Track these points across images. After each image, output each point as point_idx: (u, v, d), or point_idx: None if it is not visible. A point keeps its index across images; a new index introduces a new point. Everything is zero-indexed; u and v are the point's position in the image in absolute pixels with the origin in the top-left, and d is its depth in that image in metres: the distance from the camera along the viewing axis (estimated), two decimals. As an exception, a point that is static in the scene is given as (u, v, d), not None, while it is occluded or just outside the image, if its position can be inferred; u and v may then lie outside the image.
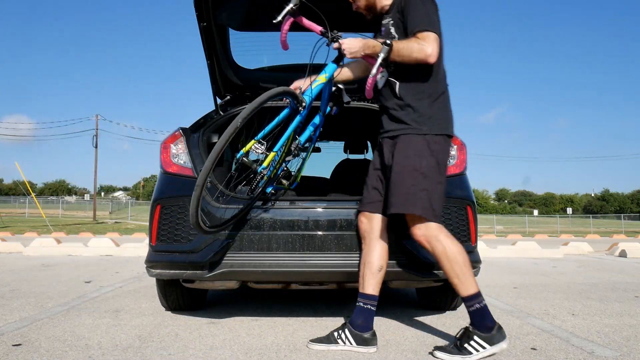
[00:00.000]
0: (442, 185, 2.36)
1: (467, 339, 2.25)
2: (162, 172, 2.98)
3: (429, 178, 2.30)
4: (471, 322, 2.29)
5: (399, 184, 2.31)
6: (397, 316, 3.22)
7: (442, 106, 2.39)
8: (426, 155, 2.31)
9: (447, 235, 2.33)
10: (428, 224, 2.31)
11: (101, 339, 2.60)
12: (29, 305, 3.54)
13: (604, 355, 2.35)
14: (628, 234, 24.56)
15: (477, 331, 2.25)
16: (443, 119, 2.38)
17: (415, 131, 2.33)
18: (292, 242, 2.70)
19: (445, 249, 2.28)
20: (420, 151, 2.31)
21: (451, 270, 2.28)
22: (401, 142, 2.35)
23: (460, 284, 2.28)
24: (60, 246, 8.34)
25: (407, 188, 2.29)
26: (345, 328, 2.43)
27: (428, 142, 2.32)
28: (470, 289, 2.28)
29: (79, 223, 29.59)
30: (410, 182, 2.29)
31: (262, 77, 3.71)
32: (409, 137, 2.33)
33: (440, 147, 2.35)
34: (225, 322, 3.03)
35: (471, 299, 2.27)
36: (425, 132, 2.32)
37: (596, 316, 3.32)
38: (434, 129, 2.33)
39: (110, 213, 48.90)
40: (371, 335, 2.41)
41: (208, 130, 3.21)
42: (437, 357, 2.25)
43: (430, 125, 2.33)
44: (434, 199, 2.31)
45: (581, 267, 6.71)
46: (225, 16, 3.31)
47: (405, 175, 2.30)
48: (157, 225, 2.82)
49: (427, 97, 2.35)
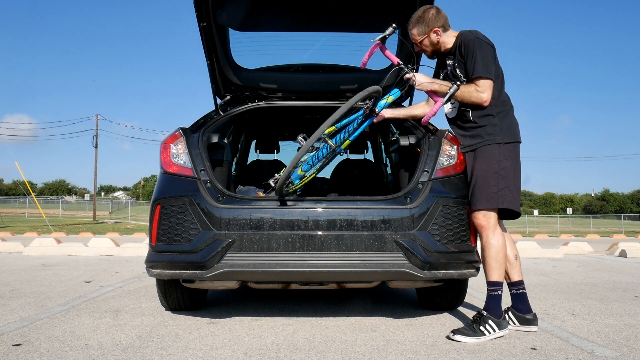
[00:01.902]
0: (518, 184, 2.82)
1: (483, 322, 2.66)
2: (162, 172, 2.97)
3: (507, 178, 2.75)
4: (486, 308, 2.70)
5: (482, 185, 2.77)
6: (397, 316, 3.22)
7: (510, 120, 2.84)
8: (502, 159, 2.76)
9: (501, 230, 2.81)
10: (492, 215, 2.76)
11: (101, 339, 2.60)
12: (29, 305, 3.54)
13: (604, 355, 2.35)
14: (628, 234, 24.55)
15: (491, 316, 2.67)
16: (511, 130, 2.82)
17: (490, 142, 2.79)
18: (292, 242, 2.69)
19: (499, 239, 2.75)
20: (496, 157, 2.77)
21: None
22: (480, 152, 2.81)
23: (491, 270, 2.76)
24: (60, 246, 8.33)
25: (490, 188, 2.74)
26: (508, 311, 2.88)
27: (501, 149, 2.77)
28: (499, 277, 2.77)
29: (79, 223, 29.60)
30: (492, 182, 2.74)
31: (262, 77, 3.71)
32: (487, 147, 2.79)
33: (512, 153, 2.79)
34: (225, 322, 3.03)
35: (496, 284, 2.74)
36: (498, 141, 2.78)
37: (596, 316, 3.32)
38: (505, 139, 2.79)
39: (110, 213, 48.91)
40: (533, 316, 2.86)
41: (208, 130, 3.21)
42: (455, 339, 2.60)
43: (502, 136, 2.78)
44: (515, 193, 2.77)
45: (581, 267, 6.71)
46: (225, 16, 3.31)
47: (488, 177, 2.75)
48: (157, 225, 2.82)
49: (496, 116, 2.81)
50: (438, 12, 2.92)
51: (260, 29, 3.78)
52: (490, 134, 2.79)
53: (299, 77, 3.80)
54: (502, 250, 2.75)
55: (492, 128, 2.79)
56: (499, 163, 2.76)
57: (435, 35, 2.91)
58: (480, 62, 2.75)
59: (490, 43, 2.83)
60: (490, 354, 2.38)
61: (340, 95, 3.70)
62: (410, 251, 2.68)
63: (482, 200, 2.76)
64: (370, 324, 3.00)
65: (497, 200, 2.74)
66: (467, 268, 2.82)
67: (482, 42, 2.79)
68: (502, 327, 2.68)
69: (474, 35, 2.82)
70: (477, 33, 2.85)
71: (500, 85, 2.84)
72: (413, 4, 3.11)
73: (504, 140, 2.78)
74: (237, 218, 2.71)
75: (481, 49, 2.77)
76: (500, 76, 2.85)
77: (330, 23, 3.70)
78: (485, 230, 2.77)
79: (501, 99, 2.84)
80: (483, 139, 2.80)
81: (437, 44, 2.94)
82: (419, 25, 2.92)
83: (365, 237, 2.69)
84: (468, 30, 2.90)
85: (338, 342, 2.58)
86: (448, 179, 2.90)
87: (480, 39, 2.80)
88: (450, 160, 2.94)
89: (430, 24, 2.90)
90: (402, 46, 3.49)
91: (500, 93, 2.85)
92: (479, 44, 2.78)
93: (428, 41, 2.94)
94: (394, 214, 2.74)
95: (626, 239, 17.75)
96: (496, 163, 2.76)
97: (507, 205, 2.75)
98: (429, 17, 2.90)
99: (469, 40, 2.80)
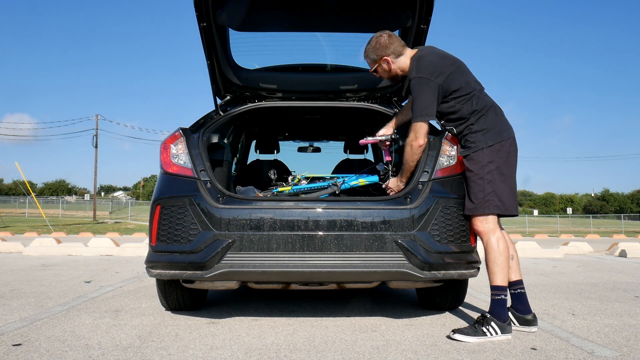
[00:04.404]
0: (508, 183, 2.80)
1: (486, 323, 2.65)
2: (162, 172, 2.97)
3: (492, 182, 2.75)
4: (491, 312, 2.69)
5: (471, 192, 2.80)
6: (397, 316, 3.22)
7: (490, 121, 2.83)
8: (486, 164, 2.77)
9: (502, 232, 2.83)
10: (489, 219, 2.78)
11: (101, 339, 2.60)
12: (29, 305, 3.54)
13: (604, 355, 2.35)
14: (628, 234, 24.54)
15: (495, 319, 2.66)
16: (494, 129, 2.82)
17: (475, 149, 2.81)
18: (292, 242, 2.69)
19: (499, 243, 2.75)
20: (481, 162, 2.78)
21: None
22: (468, 159, 2.84)
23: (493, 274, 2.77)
24: (60, 246, 8.32)
25: (477, 194, 2.76)
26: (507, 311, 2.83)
27: (485, 153, 2.78)
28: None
29: (79, 223, 29.60)
30: (478, 188, 2.76)
31: (262, 77, 3.71)
32: (473, 154, 2.82)
33: (497, 153, 2.78)
34: (225, 322, 3.04)
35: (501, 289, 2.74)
36: (481, 147, 2.79)
37: (596, 316, 3.32)
38: (488, 142, 2.79)
39: (110, 213, 48.91)
40: (532, 317, 2.86)
41: (208, 130, 3.21)
42: (455, 338, 2.60)
43: (484, 140, 2.79)
44: (502, 196, 2.76)
45: (581, 267, 6.71)
46: (225, 16, 3.31)
47: (474, 184, 2.78)
48: (157, 225, 2.82)
49: (475, 124, 2.82)
50: (389, 37, 2.92)
51: (260, 29, 3.78)
52: (473, 142, 2.81)
53: (299, 77, 3.80)
54: (502, 254, 2.74)
55: (474, 136, 2.81)
56: (483, 168, 2.77)
57: (386, 64, 2.94)
58: (417, 106, 2.78)
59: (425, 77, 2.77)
60: (490, 354, 2.38)
61: (340, 95, 3.70)
62: (410, 251, 2.67)
63: (472, 207, 2.79)
64: (370, 324, 3.00)
65: (484, 206, 2.75)
66: (467, 268, 2.82)
67: (421, 80, 2.77)
68: (506, 332, 2.65)
69: (416, 74, 2.79)
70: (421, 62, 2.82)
71: (468, 98, 2.83)
72: (413, 4, 3.11)
73: (487, 144, 2.79)
74: (237, 218, 2.71)
75: (420, 88, 2.77)
76: (463, 87, 2.82)
77: (331, 23, 3.70)
78: (485, 235, 2.78)
79: (473, 108, 2.83)
80: (470, 148, 2.83)
81: (390, 71, 2.97)
82: (370, 54, 2.96)
83: (365, 237, 2.69)
84: (418, 53, 2.88)
85: (338, 342, 2.58)
86: (448, 179, 2.90)
87: (421, 78, 2.77)
88: (450, 161, 2.94)
89: (379, 52, 2.92)
90: None
91: (472, 103, 2.83)
92: (418, 84, 2.78)
93: (381, 69, 2.98)
94: (394, 214, 2.74)
95: (626, 239, 17.74)
96: (480, 168, 2.78)
97: (494, 211, 2.75)
98: (379, 45, 2.91)
99: (409, 81, 2.84)
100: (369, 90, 3.65)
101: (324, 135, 5.45)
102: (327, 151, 5.83)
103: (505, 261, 2.75)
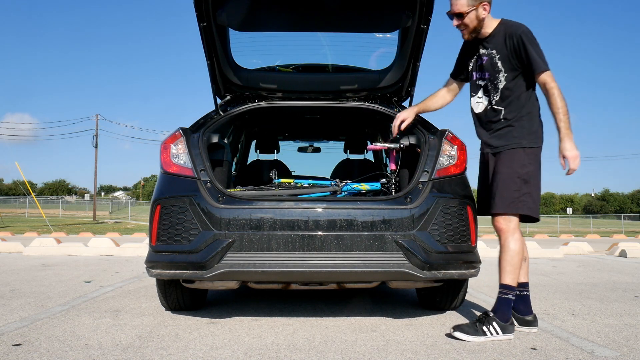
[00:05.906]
0: (539, 187, 2.76)
1: (487, 322, 2.61)
2: (162, 172, 2.98)
3: (529, 183, 2.69)
4: (494, 310, 2.66)
5: (504, 189, 2.69)
6: (397, 316, 3.22)
7: (538, 122, 2.77)
8: (527, 164, 2.70)
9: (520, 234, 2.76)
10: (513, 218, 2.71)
11: (101, 339, 2.60)
12: (29, 305, 3.54)
13: (604, 355, 2.35)
14: (628, 234, 24.54)
15: (497, 318, 2.63)
16: (538, 133, 2.75)
17: (516, 146, 2.71)
18: (292, 242, 2.69)
19: (517, 244, 2.69)
20: (521, 161, 2.69)
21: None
22: (505, 154, 2.73)
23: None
24: (60, 246, 8.32)
25: (511, 192, 2.67)
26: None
27: (527, 153, 2.70)
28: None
29: (79, 223, 29.60)
30: (514, 187, 2.67)
31: (262, 77, 3.71)
32: (512, 151, 2.71)
33: (536, 157, 2.73)
34: (225, 322, 3.03)
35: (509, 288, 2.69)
36: (524, 145, 2.70)
37: (596, 316, 3.32)
38: (530, 143, 2.71)
39: (110, 213, 48.92)
40: (533, 317, 2.84)
41: (208, 130, 3.21)
42: (455, 336, 2.58)
43: (528, 140, 2.71)
44: (535, 199, 2.72)
45: (581, 267, 6.71)
46: (225, 16, 3.31)
47: (510, 181, 2.68)
48: (157, 225, 2.82)
49: (526, 116, 2.73)
50: None
51: (260, 29, 3.78)
52: (516, 137, 2.71)
53: (299, 77, 3.80)
54: (518, 255, 2.70)
55: (520, 130, 2.71)
56: (523, 167, 2.69)
57: (483, 10, 2.70)
58: (542, 55, 2.65)
59: None
60: (490, 353, 2.38)
61: (341, 95, 3.70)
62: (411, 251, 2.68)
63: (502, 205, 2.70)
64: (370, 324, 3.00)
65: (517, 206, 2.68)
66: (467, 268, 2.82)
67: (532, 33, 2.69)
68: (507, 332, 2.63)
69: (525, 27, 2.69)
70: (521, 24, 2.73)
71: (533, 86, 2.75)
72: (413, 4, 3.11)
73: (529, 145, 2.71)
74: (237, 218, 2.71)
75: (535, 40, 2.67)
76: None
77: (331, 23, 3.70)
78: (505, 234, 2.72)
79: (530, 99, 2.75)
80: (509, 142, 2.72)
81: (480, 22, 2.73)
82: None
83: (366, 237, 2.69)
84: (509, 20, 2.76)
85: (338, 342, 2.58)
86: (448, 179, 2.90)
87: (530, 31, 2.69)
88: (450, 161, 2.94)
89: None
90: (401, 48, 3.49)
91: (531, 95, 2.77)
92: (532, 35, 2.67)
93: (474, 15, 2.70)
94: (394, 214, 2.74)
95: (626, 239, 17.73)
96: (520, 167, 2.69)
97: (527, 212, 2.69)
98: None
99: (522, 32, 2.67)
100: (369, 90, 3.65)
101: (324, 135, 5.45)
102: (327, 151, 5.84)
103: (519, 262, 2.71)
